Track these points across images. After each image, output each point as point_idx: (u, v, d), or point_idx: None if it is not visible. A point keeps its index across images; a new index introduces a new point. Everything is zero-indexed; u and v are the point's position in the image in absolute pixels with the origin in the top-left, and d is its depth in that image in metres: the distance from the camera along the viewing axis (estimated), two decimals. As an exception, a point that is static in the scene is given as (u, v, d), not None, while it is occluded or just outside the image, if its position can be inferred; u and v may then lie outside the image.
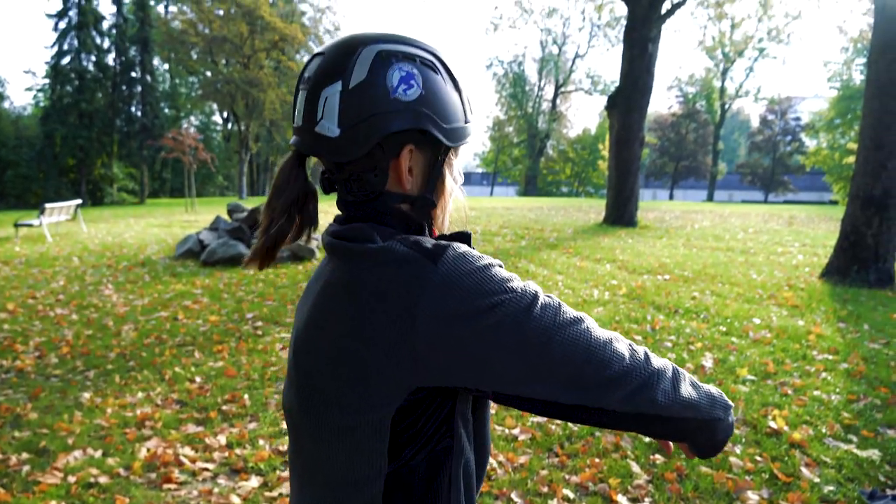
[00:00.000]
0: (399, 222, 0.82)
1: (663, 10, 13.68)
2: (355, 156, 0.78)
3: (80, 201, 15.67)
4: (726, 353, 4.54)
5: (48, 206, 13.06)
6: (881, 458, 2.94)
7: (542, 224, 14.34)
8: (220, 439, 3.31)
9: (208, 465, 3.04)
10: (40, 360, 4.70)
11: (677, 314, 5.69)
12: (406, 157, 0.79)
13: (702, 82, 45.76)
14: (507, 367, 0.71)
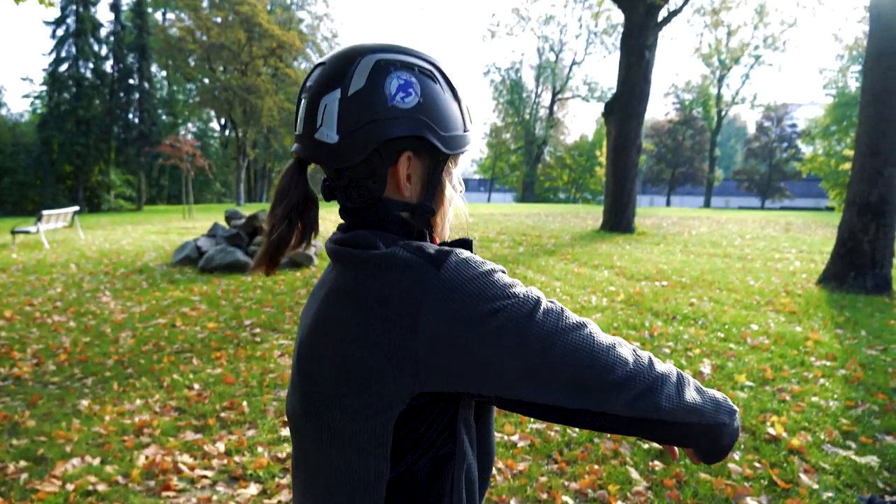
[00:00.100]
0: (400, 229, 0.83)
1: (660, 18, 13.77)
2: (353, 162, 0.79)
3: (77, 208, 15.64)
4: (724, 359, 4.54)
5: (45, 213, 13.06)
6: (880, 464, 2.95)
7: (540, 230, 14.36)
8: (218, 446, 3.30)
9: (207, 472, 3.03)
10: (38, 368, 4.69)
11: (675, 320, 5.70)
12: (404, 164, 0.80)
13: (698, 89, 45.92)
14: (509, 371, 0.71)
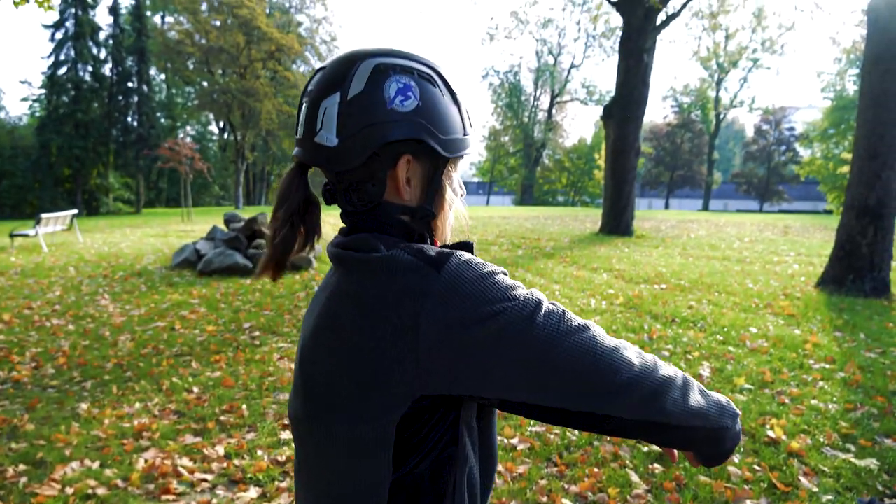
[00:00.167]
0: (401, 232, 0.83)
1: (658, 21, 13.80)
2: (353, 165, 0.79)
3: (76, 211, 15.63)
4: (724, 362, 4.55)
5: (44, 216, 13.05)
6: (879, 467, 2.95)
7: (539, 233, 14.37)
8: (218, 450, 3.29)
9: (206, 475, 3.03)
10: (37, 371, 4.68)
11: (674, 323, 5.70)
12: (403, 167, 0.81)
13: (697, 92, 45.99)
14: (510, 374, 0.71)
